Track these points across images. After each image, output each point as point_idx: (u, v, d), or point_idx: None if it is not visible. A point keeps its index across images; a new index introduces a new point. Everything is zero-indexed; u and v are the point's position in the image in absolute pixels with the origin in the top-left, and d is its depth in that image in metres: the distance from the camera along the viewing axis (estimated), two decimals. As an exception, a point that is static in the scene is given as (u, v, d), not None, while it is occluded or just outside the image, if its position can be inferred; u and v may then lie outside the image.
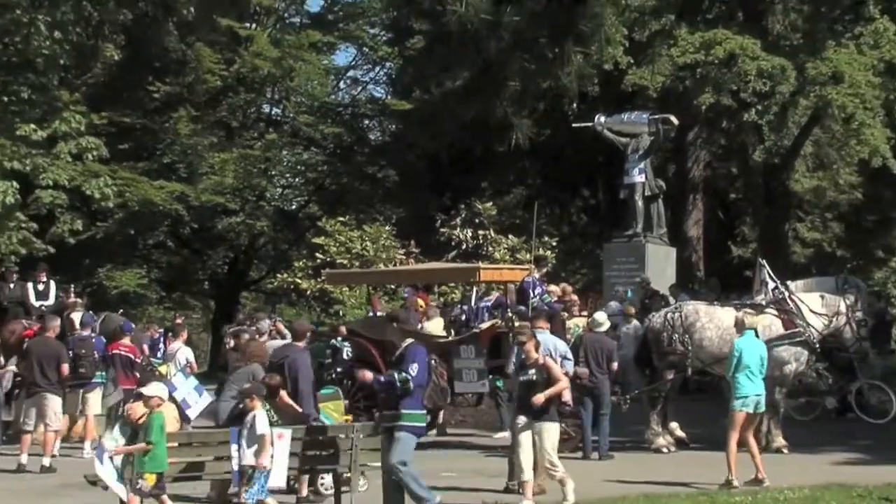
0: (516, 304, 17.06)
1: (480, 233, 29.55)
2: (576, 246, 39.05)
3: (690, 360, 16.18)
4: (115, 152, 29.66)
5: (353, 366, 15.57)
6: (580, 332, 16.71)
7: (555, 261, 28.21)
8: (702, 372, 16.84)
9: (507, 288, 18.62)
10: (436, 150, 34.73)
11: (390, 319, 13.25)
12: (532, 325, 13.69)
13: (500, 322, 17.23)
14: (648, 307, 19.31)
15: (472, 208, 30.49)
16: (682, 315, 16.37)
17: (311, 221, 37.47)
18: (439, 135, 32.87)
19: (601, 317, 16.48)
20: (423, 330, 18.11)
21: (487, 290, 21.96)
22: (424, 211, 34.26)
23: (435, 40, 29.82)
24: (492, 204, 31.25)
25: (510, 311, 17.10)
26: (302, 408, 11.58)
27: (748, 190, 32.99)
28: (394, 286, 25.62)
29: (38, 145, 25.50)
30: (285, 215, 39.11)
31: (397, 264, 27.40)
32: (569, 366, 13.09)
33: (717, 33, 25.72)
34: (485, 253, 28.80)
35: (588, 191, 39.37)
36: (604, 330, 16.15)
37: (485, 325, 17.57)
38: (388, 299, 23.75)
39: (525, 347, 11.88)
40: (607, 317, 16.82)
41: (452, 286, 26.91)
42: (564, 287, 20.16)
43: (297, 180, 40.71)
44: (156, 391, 10.42)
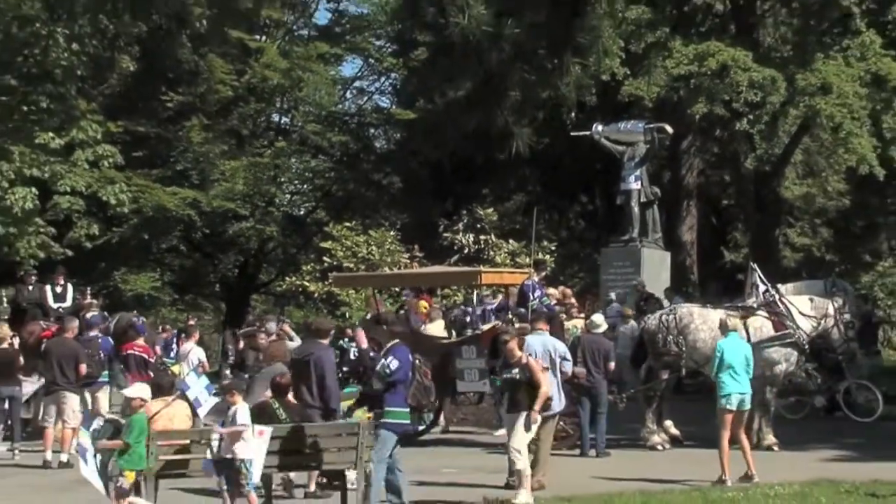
0: (517, 307, 17.05)
1: (482, 238, 29.54)
2: (574, 250, 39.02)
3: (684, 360, 16.19)
4: (130, 160, 29.70)
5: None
6: (578, 333, 16.72)
7: (554, 265, 28.21)
8: (695, 372, 16.83)
9: (508, 291, 18.62)
10: (439, 158, 34.71)
11: (377, 322, 13.23)
12: (532, 326, 13.70)
13: (500, 324, 17.22)
14: (644, 310, 19.31)
15: (473, 214, 30.49)
16: (677, 317, 16.38)
17: (318, 226, 37.43)
18: (442, 143, 32.86)
19: (599, 318, 16.48)
20: (426, 331, 18.14)
21: (494, 293, 21.98)
22: (428, 216, 34.23)
23: (438, 52, 29.83)
24: (493, 210, 31.25)
25: (510, 313, 17.10)
26: (330, 404, 11.55)
27: (740, 196, 33.02)
28: (398, 289, 25.63)
29: (56, 153, 25.55)
30: (294, 220, 39.10)
31: (402, 268, 27.39)
32: (567, 366, 13.07)
33: (710, 45, 25.74)
34: (486, 257, 28.79)
35: (586, 197, 39.35)
36: (601, 331, 16.16)
37: (486, 327, 17.58)
38: (391, 302, 23.73)
39: (508, 346, 11.83)
40: (607, 318, 16.83)
41: (455, 289, 26.92)
42: (563, 290, 20.21)
43: (305, 187, 40.68)
44: (138, 392, 10.36)
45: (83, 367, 15.26)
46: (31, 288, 19.70)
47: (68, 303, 19.35)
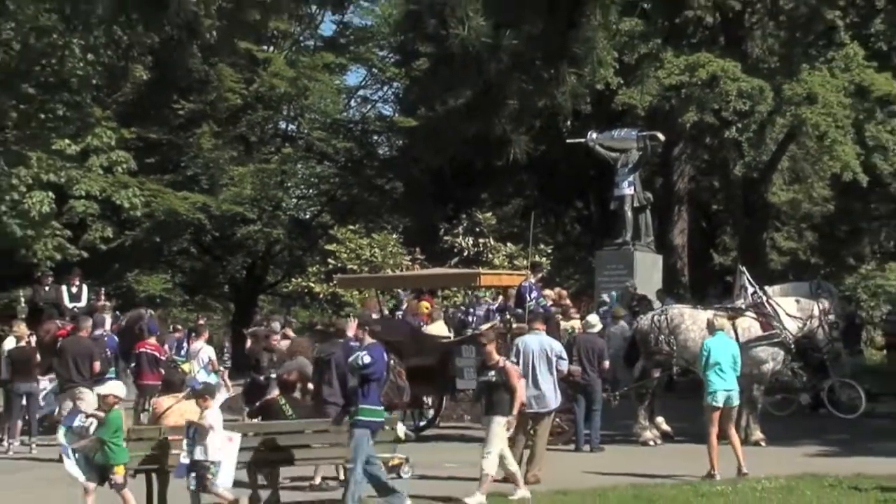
0: (515, 308, 17.05)
1: (481, 241, 29.53)
2: (569, 253, 39.02)
3: (675, 359, 16.19)
4: (142, 165, 29.70)
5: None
6: (574, 333, 16.71)
7: (550, 267, 28.22)
8: (686, 371, 16.83)
9: (506, 292, 18.61)
10: (439, 164, 34.69)
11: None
12: (529, 326, 13.69)
13: (499, 323, 17.22)
14: (636, 310, 19.30)
15: (473, 218, 30.48)
16: (668, 318, 16.39)
17: (323, 230, 37.44)
18: (443, 150, 32.86)
19: (594, 319, 16.50)
20: (427, 331, 18.14)
21: (496, 294, 21.97)
22: (429, 220, 34.22)
23: (439, 62, 29.82)
24: (491, 214, 31.23)
25: (508, 313, 17.10)
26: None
27: (729, 202, 33.05)
28: (400, 290, 25.63)
29: (72, 159, 25.58)
30: (300, 224, 39.05)
31: (404, 270, 27.38)
32: (563, 364, 13.06)
33: (701, 56, 25.79)
34: (485, 259, 28.77)
35: (581, 202, 39.32)
36: (596, 331, 16.16)
37: (485, 327, 17.56)
38: (394, 304, 23.71)
39: (486, 349, 11.76)
40: (600, 318, 16.83)
41: (455, 290, 26.94)
42: (559, 291, 20.17)
43: (310, 191, 40.67)
44: (111, 390, 10.26)
45: (97, 365, 15.29)
46: (47, 288, 19.74)
47: (83, 303, 19.41)
